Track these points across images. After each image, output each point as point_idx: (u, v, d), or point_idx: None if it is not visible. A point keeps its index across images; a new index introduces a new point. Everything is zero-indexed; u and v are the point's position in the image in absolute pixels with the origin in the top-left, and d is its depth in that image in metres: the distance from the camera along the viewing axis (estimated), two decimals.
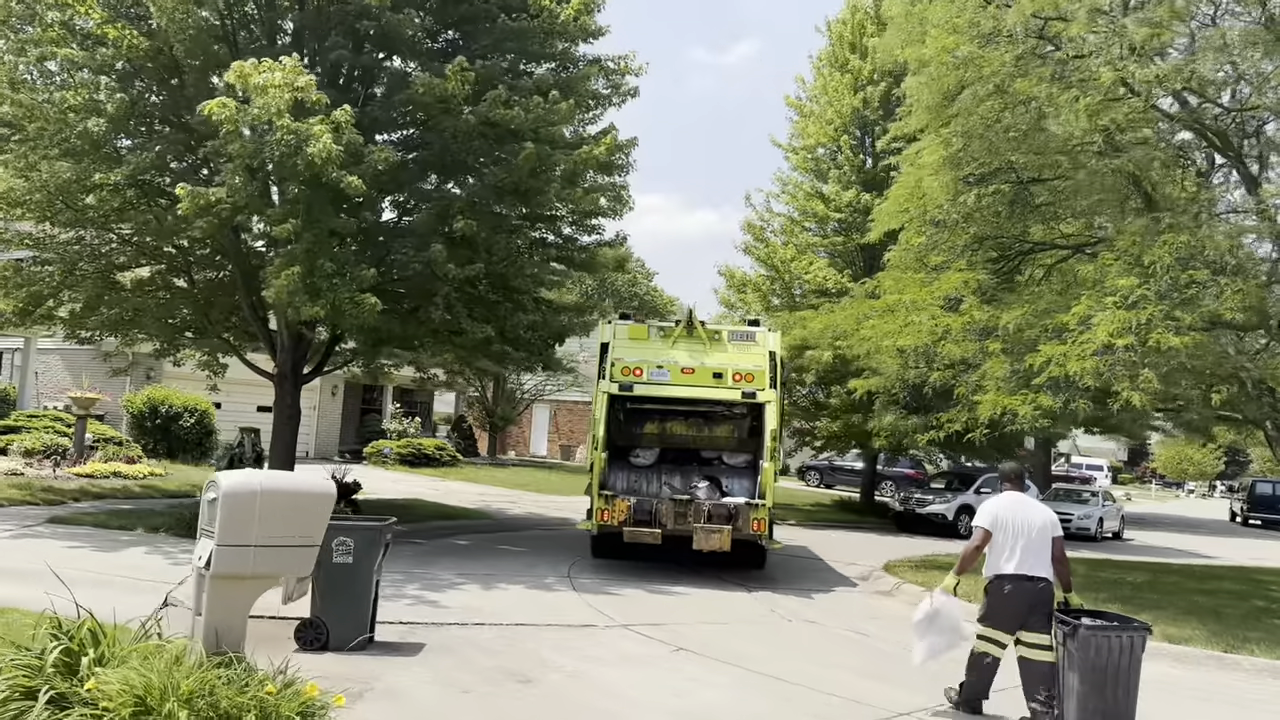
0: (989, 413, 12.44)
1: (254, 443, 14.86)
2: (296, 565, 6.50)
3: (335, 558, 8.85)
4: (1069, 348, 11.21)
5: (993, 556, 7.67)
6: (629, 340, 14.68)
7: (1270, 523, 42.69)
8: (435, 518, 19.68)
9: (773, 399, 14.09)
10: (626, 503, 13.39)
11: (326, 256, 13.87)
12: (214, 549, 6.30)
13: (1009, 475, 8.37)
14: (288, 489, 6.80)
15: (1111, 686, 7.16)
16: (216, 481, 6.63)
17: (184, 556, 12.36)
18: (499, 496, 26.24)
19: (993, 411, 12.39)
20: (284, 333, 17.11)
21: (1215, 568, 19.13)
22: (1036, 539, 7.57)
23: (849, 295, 25.87)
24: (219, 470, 14.90)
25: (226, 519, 6.37)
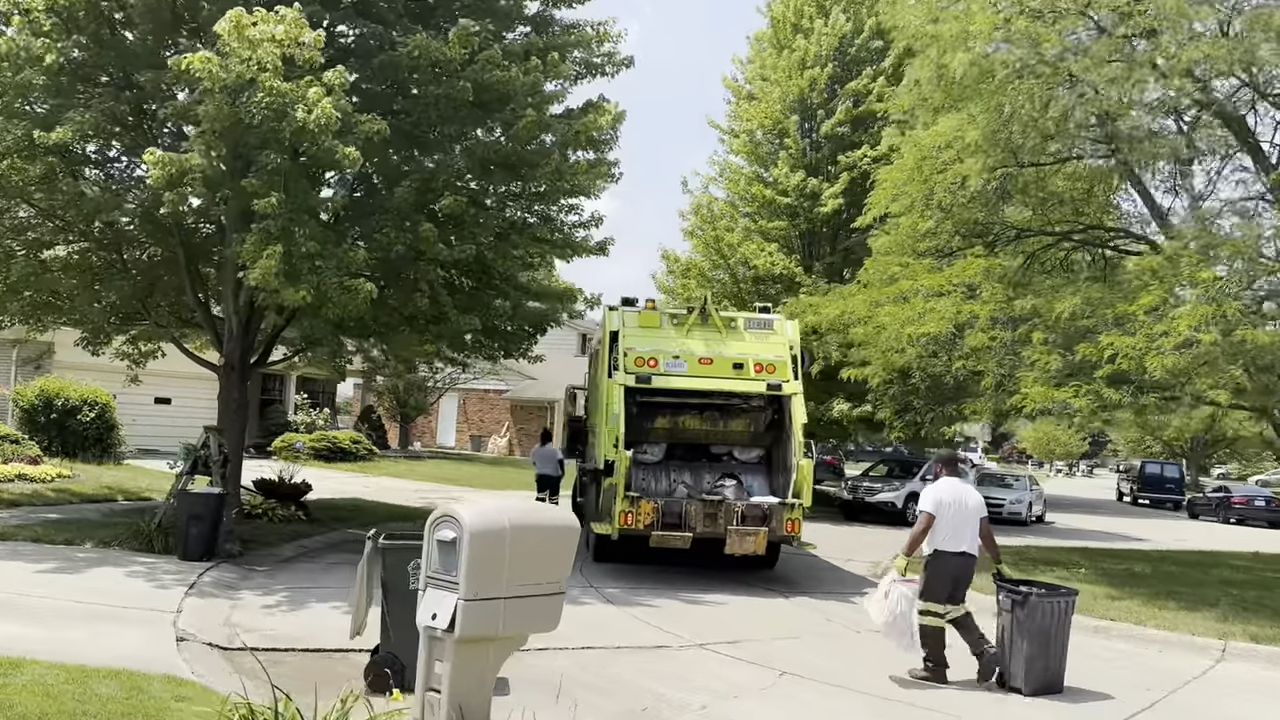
0: (1035, 405, 11.92)
1: (220, 444, 13.21)
2: (545, 619, 5.23)
3: (412, 583, 7.58)
4: (1137, 340, 10.74)
5: (935, 535, 8.58)
6: (640, 328, 13.65)
7: (1157, 501, 44.57)
8: (389, 520, 18.21)
9: (799, 391, 13.31)
10: (652, 504, 12.38)
11: (307, 235, 12.40)
12: (459, 605, 4.98)
13: (947, 461, 9.34)
14: (539, 523, 5.57)
15: (1052, 644, 8.38)
16: (455, 517, 5.36)
17: (166, 578, 10.86)
18: (437, 493, 24.76)
19: (1041, 403, 11.85)
20: (232, 319, 15.41)
21: (1187, 553, 19.29)
22: (970, 520, 8.64)
23: (798, 282, 25.45)
24: (181, 475, 13.24)
25: (475, 565, 5.09)
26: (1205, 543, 23.40)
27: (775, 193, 26.14)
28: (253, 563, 12.81)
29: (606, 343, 13.54)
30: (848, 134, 26.47)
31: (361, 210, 14.17)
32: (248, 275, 11.84)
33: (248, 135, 12.19)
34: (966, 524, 8.62)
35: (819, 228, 26.71)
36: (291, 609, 10.27)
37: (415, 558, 7.68)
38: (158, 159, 11.12)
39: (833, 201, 25.46)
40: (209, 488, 12.65)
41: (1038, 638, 8.27)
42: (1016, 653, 8.34)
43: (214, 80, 11.05)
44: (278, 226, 12.08)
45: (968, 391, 14.50)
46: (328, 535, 15.68)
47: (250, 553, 13.17)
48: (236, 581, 11.57)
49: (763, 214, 26.97)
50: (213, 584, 11.06)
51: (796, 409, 13.11)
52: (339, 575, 12.34)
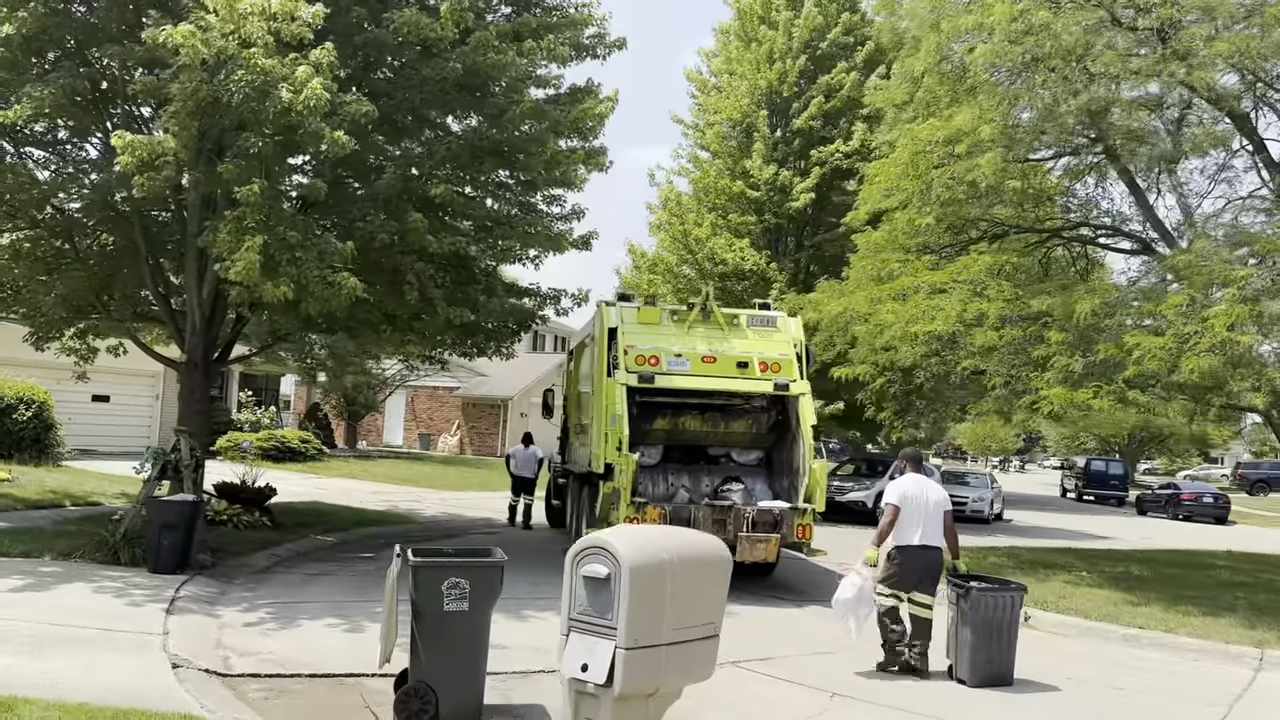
0: (1053, 407, 11.56)
1: (193, 448, 12.27)
2: (703, 667, 4.44)
3: (446, 604, 6.90)
4: (1166, 341, 10.41)
5: (900, 529, 8.85)
6: (639, 325, 13.03)
7: (1102, 498, 45.18)
8: (357, 524, 17.41)
9: (807, 391, 12.81)
10: (659, 510, 11.77)
11: (287, 225, 11.57)
12: (619, 654, 4.21)
13: (911, 459, 9.58)
14: (699, 555, 4.76)
15: (996, 638, 8.56)
16: (608, 550, 4.51)
17: (139, 594, 9.98)
18: (397, 495, 23.87)
19: (1060, 404, 11.50)
20: (195, 313, 14.43)
21: (1169, 553, 19.21)
22: (933, 514, 8.87)
23: (768, 278, 25.02)
24: (148, 481, 12.28)
25: (636, 607, 4.31)
26: (1173, 540, 23.51)
27: (746, 186, 25.63)
28: (227, 575, 11.94)
29: (603, 340, 12.89)
30: (819, 128, 26.08)
31: (340, 198, 13.32)
32: (226, 269, 10.96)
33: (223, 115, 11.33)
34: (930, 518, 8.87)
35: (788, 223, 26.28)
36: (282, 627, 9.47)
37: (450, 576, 7.01)
38: (128, 143, 10.20)
39: (804, 196, 25.05)
40: (182, 494, 11.73)
41: (980, 629, 8.51)
42: (962, 645, 8.62)
43: (195, 55, 10.17)
44: (257, 216, 11.26)
45: (969, 391, 14.12)
46: (298, 542, 14.80)
47: (221, 563, 12.29)
48: (215, 596, 10.71)
49: (731, 208, 26.47)
50: (191, 600, 10.20)
51: (805, 409, 12.61)
52: (321, 588, 11.55)
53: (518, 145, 13.33)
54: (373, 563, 13.74)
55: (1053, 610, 11.43)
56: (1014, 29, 11.69)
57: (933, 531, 8.86)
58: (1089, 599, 12.02)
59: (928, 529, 8.84)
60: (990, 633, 8.53)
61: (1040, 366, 12.28)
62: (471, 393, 39.95)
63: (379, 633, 7.37)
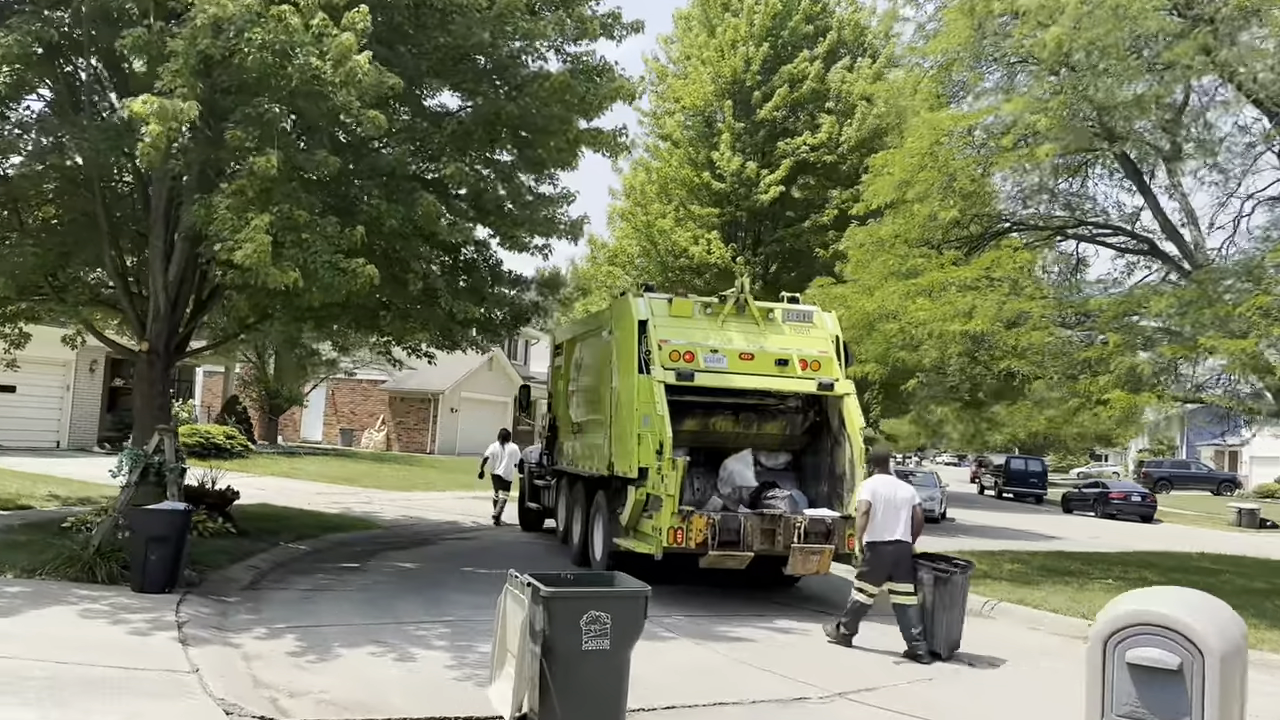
0: (1114, 412, 11.05)
1: (177, 449, 10.85)
2: None
3: (585, 642, 5.89)
4: (1248, 344, 9.96)
5: (873, 526, 9.54)
6: (671, 318, 12.07)
7: (1021, 495, 45.93)
8: (323, 530, 16.03)
9: (852, 390, 12.05)
10: (705, 520, 10.83)
11: (293, 203, 10.31)
12: None
13: (879, 459, 10.26)
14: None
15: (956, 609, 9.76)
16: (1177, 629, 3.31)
17: (136, 619, 8.71)
18: (343, 495, 22.36)
19: (1123, 408, 11.00)
20: (159, 296, 12.94)
21: (1147, 554, 19.10)
22: (902, 510, 9.57)
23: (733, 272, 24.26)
24: (126, 486, 10.78)
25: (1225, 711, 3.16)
26: (1124, 540, 23.57)
27: (711, 177, 24.81)
28: (215, 592, 10.60)
29: (630, 333, 11.89)
30: (783, 119, 25.44)
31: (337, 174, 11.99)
32: (227, 251, 9.61)
33: (231, 76, 9.99)
34: (899, 514, 9.54)
35: (751, 217, 25.59)
36: (319, 658, 8.25)
37: (589, 609, 5.98)
38: (157, 108, 8.78)
39: (774, 189, 24.38)
40: (171, 503, 10.30)
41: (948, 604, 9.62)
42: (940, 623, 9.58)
43: (220, 8, 8.85)
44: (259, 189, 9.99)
45: (1002, 394, 13.61)
46: (271, 552, 13.43)
47: (201, 578, 10.91)
48: (220, 620, 9.40)
49: (694, 199, 25.63)
50: (198, 625, 8.88)
51: (851, 410, 11.84)
52: (330, 607, 10.32)
53: (536, 123, 12.22)
54: (367, 575, 12.51)
55: None
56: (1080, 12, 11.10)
57: (902, 527, 9.53)
58: None
59: (896, 524, 9.51)
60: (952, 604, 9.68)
61: (1089, 368, 11.79)
62: (399, 386, 38.23)
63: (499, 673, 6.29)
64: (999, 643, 10.46)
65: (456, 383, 37.96)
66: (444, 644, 8.87)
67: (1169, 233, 15.38)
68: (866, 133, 24.70)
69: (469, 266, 13.18)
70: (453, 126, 12.18)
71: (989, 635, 10.82)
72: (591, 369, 14.06)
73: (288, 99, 9.91)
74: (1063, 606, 11.65)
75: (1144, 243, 15.76)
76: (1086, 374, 11.80)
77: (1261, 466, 57.97)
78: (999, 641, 10.55)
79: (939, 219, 14.13)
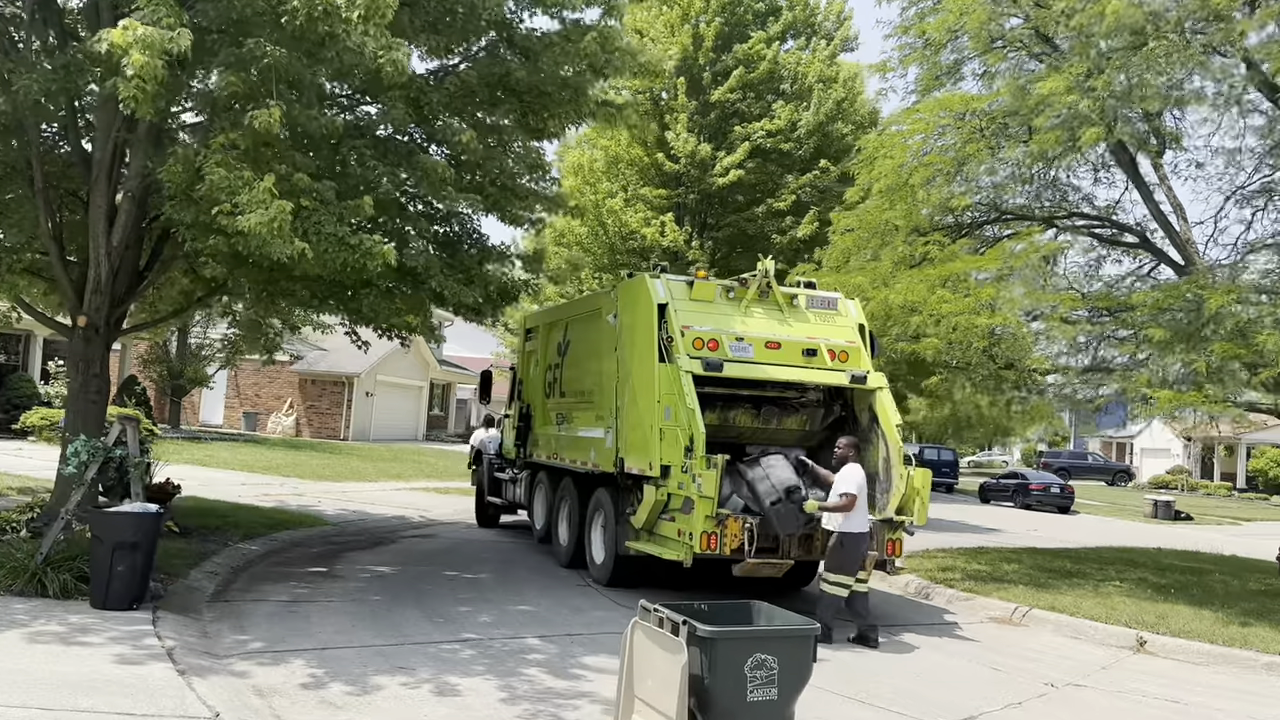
0: (1162, 410, 10.54)
1: (141, 440, 9.36)
2: None
3: (751, 691, 4.90)
4: None
5: (850, 518, 9.62)
6: (691, 302, 11.08)
7: (935, 484, 46.26)
8: (268, 528, 14.51)
9: (885, 384, 11.26)
10: (740, 523, 9.88)
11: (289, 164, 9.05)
12: None
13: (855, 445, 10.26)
14: None
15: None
16: None
17: (119, 646, 7.30)
18: (268, 486, 20.68)
19: (1169, 407, 10.49)
20: (101, 265, 11.38)
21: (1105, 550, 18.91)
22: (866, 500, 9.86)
23: (686, 257, 23.40)
24: (79, 484, 9.23)
25: None
26: (1063, 533, 23.60)
27: (665, 157, 23.79)
28: (185, 606, 9.22)
29: (646, 317, 10.86)
30: (737, 101, 24.58)
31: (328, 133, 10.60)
32: (227, 219, 8.22)
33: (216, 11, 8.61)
34: (865, 504, 9.77)
35: (705, 200, 24.68)
36: (348, 693, 7.01)
37: (755, 652, 4.97)
38: (141, 37, 7.36)
39: (733, 173, 23.50)
40: (137, 503, 8.84)
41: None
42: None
43: None
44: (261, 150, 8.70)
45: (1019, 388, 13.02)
46: (222, 554, 11.99)
47: (165, 589, 9.48)
48: (207, 642, 8.09)
49: (643, 179, 24.58)
50: (186, 650, 7.57)
51: (885, 405, 11.05)
52: (324, 623, 9.08)
53: (543, 88, 11.05)
54: (342, 582, 11.19)
55: (1163, 632, 10.41)
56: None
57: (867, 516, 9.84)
58: (1177, 617, 11.06)
59: (866, 515, 9.80)
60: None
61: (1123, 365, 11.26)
62: (311, 368, 36.19)
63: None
64: (1054, 657, 9.81)
65: (373, 366, 36.10)
66: (482, 670, 7.74)
67: (1163, 226, 15.10)
68: (824, 116, 24.06)
69: (454, 241, 11.93)
70: (454, 85, 10.92)
71: (1036, 647, 10.19)
72: (586, 355, 12.97)
73: (290, 40, 8.54)
74: (1099, 614, 11.10)
75: (1137, 236, 15.42)
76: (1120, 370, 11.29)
77: (1151, 458, 60.13)
78: (1051, 654, 9.91)
79: (953, 205, 13.44)
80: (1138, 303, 10.99)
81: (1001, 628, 11.11)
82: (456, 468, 29.74)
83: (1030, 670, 9.12)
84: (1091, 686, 8.72)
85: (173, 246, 12.70)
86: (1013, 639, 10.54)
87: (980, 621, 11.30)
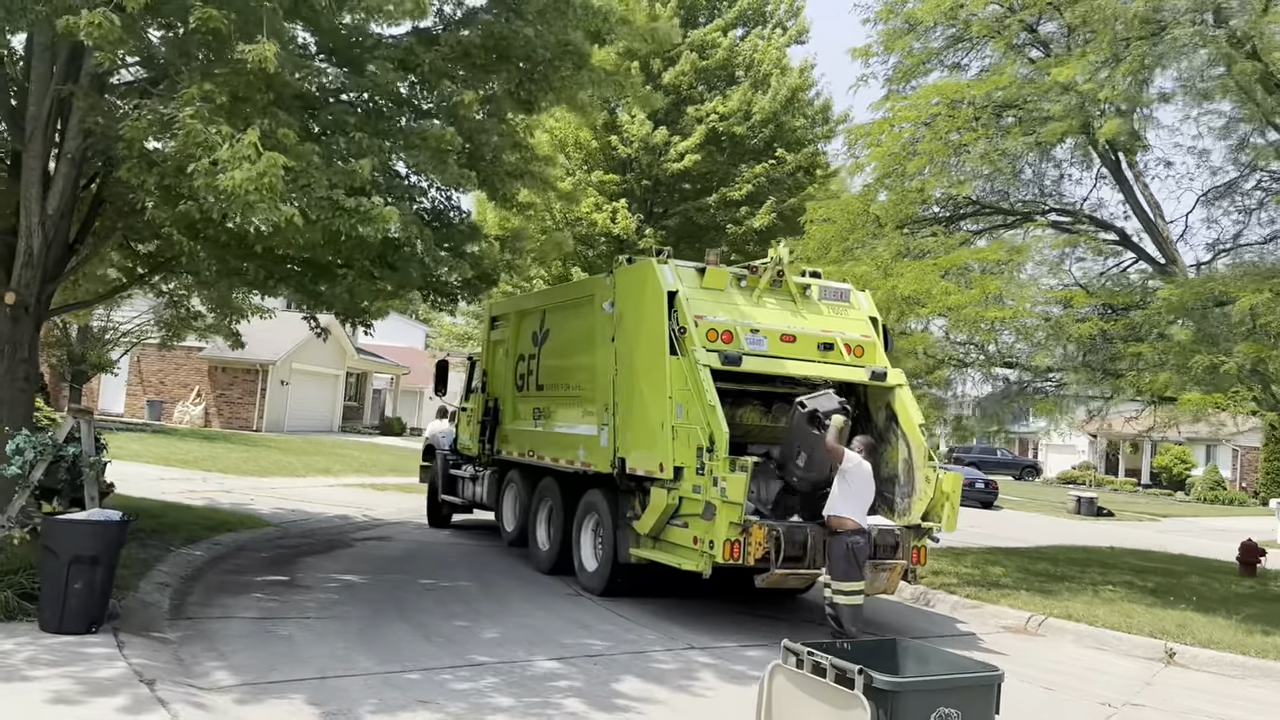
0: (1186, 413, 10.16)
1: (97, 436, 8.14)
2: None
3: None
4: None
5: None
6: (702, 290, 10.26)
7: None
8: (206, 529, 13.25)
9: (905, 381, 10.63)
10: (765, 531, 9.11)
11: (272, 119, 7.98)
12: None
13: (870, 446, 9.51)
14: None
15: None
16: None
17: (64, 672, 6.09)
18: (190, 481, 19.16)
19: (1197, 409, 10.12)
20: (35, 234, 10.06)
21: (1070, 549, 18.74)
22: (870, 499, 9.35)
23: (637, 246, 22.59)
24: (22, 487, 7.92)
25: None
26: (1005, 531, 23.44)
27: (617, 140, 22.85)
28: (147, 626, 8.07)
29: (654, 306, 10.01)
30: (689, 85, 23.82)
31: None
32: (223, 179, 7.07)
33: None
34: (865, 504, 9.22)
35: (655, 187, 23.85)
36: None
37: (939, 704, 4.19)
38: None
39: (689, 158, 22.70)
40: (97, 511, 7.63)
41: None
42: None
43: None
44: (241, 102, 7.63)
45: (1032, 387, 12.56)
46: (167, 561, 10.77)
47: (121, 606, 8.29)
48: (186, 671, 6.99)
49: (592, 163, 23.62)
50: (167, 683, 6.46)
51: (906, 403, 10.41)
52: (313, 645, 8.07)
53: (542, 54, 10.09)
54: (311, 594, 10.11)
55: (1189, 643, 10.02)
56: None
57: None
58: (1196, 626, 10.68)
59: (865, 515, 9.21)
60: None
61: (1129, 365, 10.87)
62: (222, 355, 34.12)
63: None
64: (1090, 671, 9.31)
65: (288, 353, 34.34)
66: (510, 703, 6.81)
67: (1144, 223, 14.91)
68: (779, 104, 23.50)
69: (443, 212, 10.90)
70: (450, 45, 9.87)
71: (1066, 660, 9.69)
72: (572, 345, 12.06)
73: None
74: (1118, 623, 10.69)
75: (1117, 233, 15.19)
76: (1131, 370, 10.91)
77: (1056, 454, 61.54)
78: (1085, 668, 9.41)
79: (955, 194, 12.92)
80: (1163, 299, 10.57)
81: (1019, 638, 10.59)
82: (385, 461, 28.42)
83: (1079, 689, 8.58)
84: (1148, 705, 8.22)
85: (109, 217, 11.40)
86: (1037, 651, 10.01)
87: (996, 632, 10.77)
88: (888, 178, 13.88)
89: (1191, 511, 39.28)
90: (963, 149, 13.04)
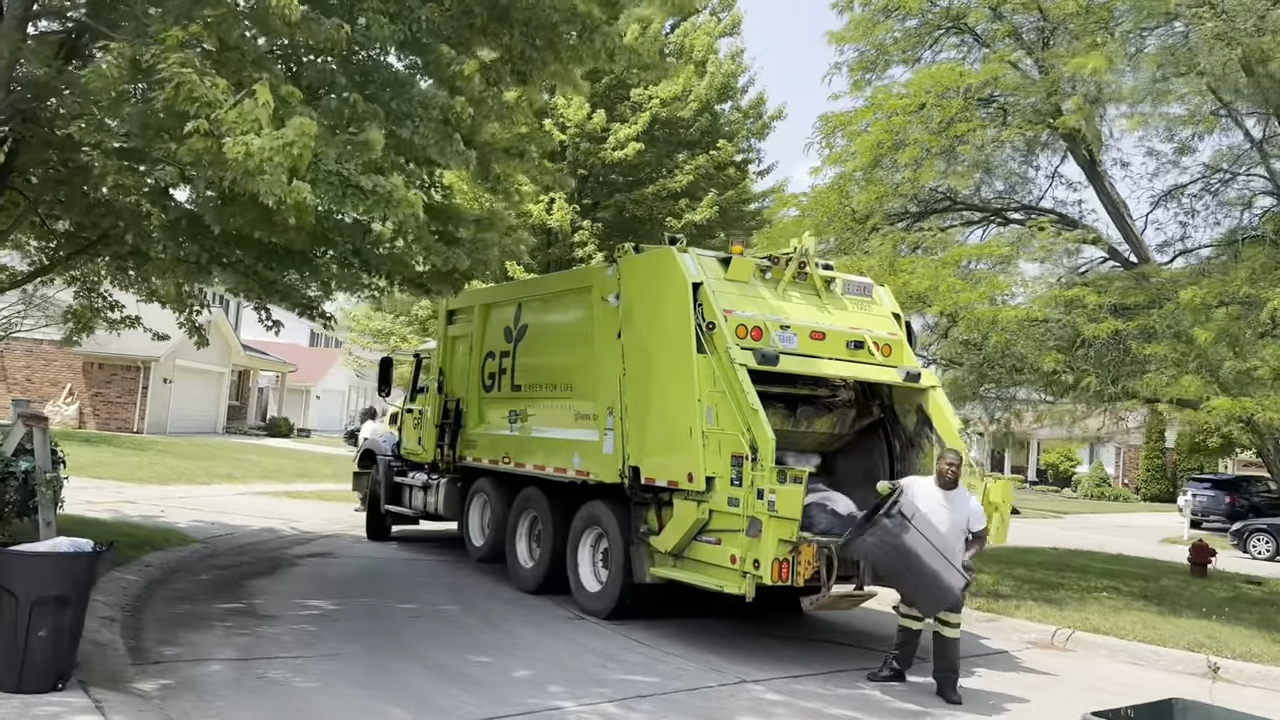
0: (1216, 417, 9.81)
1: (54, 446, 6.71)
2: None
3: None
4: None
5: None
6: (727, 281, 9.34)
7: None
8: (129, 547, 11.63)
9: (939, 383, 9.93)
10: (814, 548, 8.23)
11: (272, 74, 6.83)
12: None
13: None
14: None
15: None
16: None
17: None
18: (84, 490, 16.90)
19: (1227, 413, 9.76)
20: None
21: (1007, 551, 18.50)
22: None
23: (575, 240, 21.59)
24: None
25: None
26: None
27: (552, 125, 21.64)
28: (112, 678, 6.67)
29: (677, 298, 9.05)
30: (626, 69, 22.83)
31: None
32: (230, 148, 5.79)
33: None
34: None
35: (590, 176, 22.78)
36: None
37: None
38: None
39: (632, 146, 21.70)
40: (61, 540, 6.21)
41: None
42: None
43: None
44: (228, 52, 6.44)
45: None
46: (102, 590, 8.99)
47: None
48: None
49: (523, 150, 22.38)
50: None
51: (943, 406, 9.70)
52: (322, 693, 6.93)
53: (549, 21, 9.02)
54: (281, 625, 8.84)
55: (1228, 655, 9.62)
56: None
57: None
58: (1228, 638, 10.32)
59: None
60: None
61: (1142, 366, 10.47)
62: (98, 350, 31.38)
63: None
64: (1143, 689, 8.75)
65: (172, 349, 31.79)
66: None
67: (1116, 221, 14.73)
68: (715, 91, 22.78)
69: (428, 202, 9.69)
70: (449, 3, 8.68)
71: (1110, 677, 9.14)
72: (560, 342, 11.01)
73: None
74: (1147, 635, 10.27)
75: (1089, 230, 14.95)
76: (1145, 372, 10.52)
77: None
78: (1134, 686, 8.84)
79: (951, 188, 12.36)
80: (1184, 300, 10.15)
81: (1049, 654, 10.04)
82: (288, 466, 26.58)
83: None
84: None
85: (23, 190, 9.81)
86: (1076, 669, 9.46)
87: (1024, 648, 10.19)
88: (874, 168, 13.22)
89: (1087, 509, 40.35)
90: (958, 140, 12.48)
